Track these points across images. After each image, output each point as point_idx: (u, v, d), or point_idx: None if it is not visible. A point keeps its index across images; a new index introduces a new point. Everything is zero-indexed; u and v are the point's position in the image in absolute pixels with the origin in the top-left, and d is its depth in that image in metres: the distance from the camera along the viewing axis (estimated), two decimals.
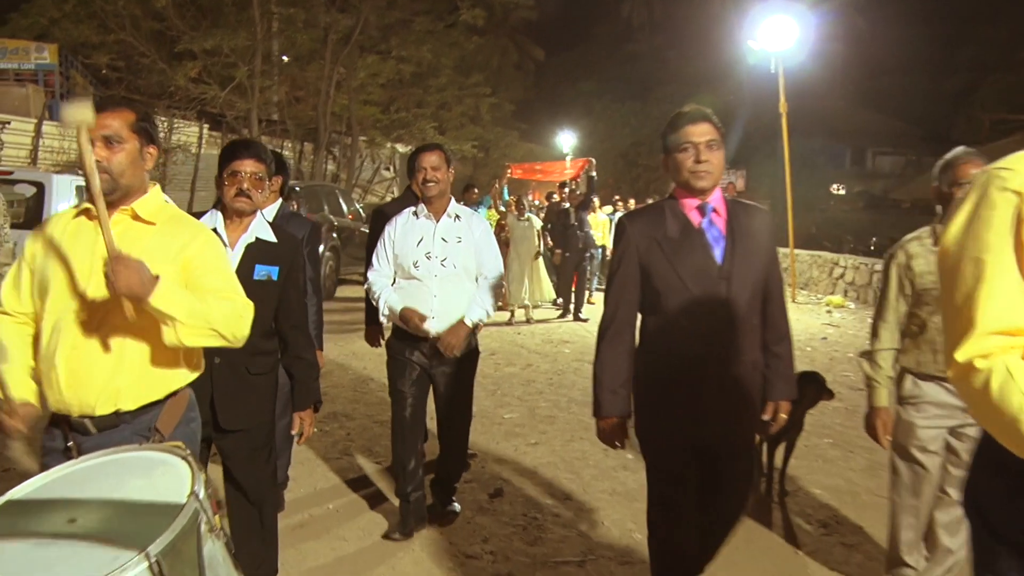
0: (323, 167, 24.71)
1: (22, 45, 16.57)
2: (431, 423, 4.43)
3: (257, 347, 2.92)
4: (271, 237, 3.08)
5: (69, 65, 17.52)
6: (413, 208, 4.11)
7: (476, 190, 12.71)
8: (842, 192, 40.81)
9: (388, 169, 30.08)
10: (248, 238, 3.03)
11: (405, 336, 4.04)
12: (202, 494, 1.63)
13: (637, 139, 44.25)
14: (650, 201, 15.63)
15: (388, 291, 4.03)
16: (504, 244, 12.46)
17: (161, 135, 16.85)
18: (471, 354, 4.21)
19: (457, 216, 4.08)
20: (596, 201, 15.37)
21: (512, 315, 11.88)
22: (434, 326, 3.93)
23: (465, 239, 4.03)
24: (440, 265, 3.96)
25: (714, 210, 2.81)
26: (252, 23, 18.20)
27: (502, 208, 13.52)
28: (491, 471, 5.20)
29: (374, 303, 4.10)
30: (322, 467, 5.19)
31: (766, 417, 3.01)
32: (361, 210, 15.85)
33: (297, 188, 14.05)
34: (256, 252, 3.01)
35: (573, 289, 12.47)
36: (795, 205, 17.48)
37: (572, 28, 52.38)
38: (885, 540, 3.59)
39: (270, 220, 3.92)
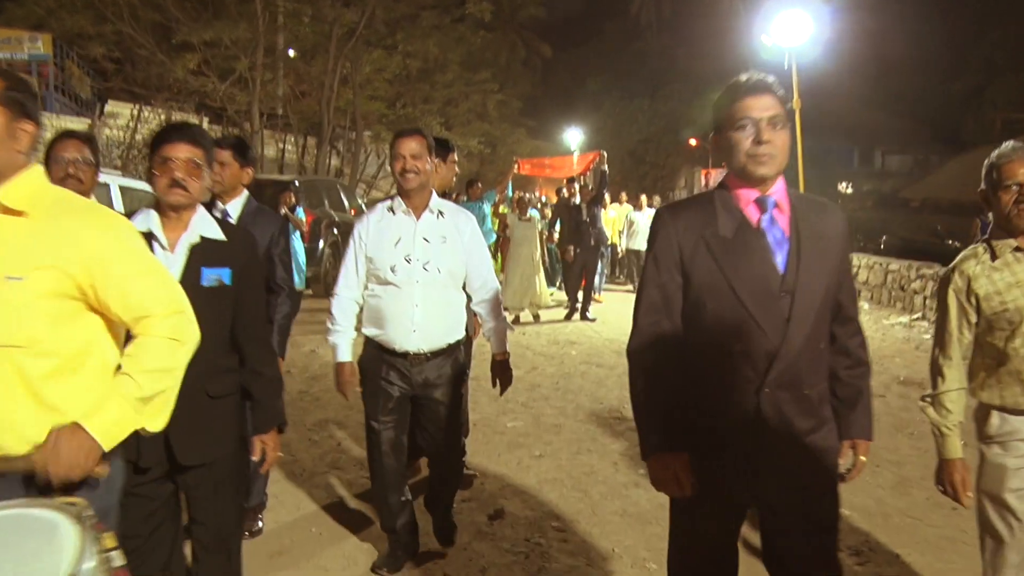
0: (327, 162, 24.34)
1: (15, 35, 16.19)
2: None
3: (215, 364, 2.52)
4: (219, 234, 2.60)
5: (64, 56, 17.12)
6: (389, 203, 3.56)
7: (480, 185, 12.19)
8: (850, 191, 40.46)
9: None
10: (191, 237, 2.54)
11: (381, 351, 3.49)
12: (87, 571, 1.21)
13: (645, 136, 44.11)
14: (659, 200, 15.23)
15: (342, 335, 3.53)
16: (506, 243, 12.08)
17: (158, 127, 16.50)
18: (459, 373, 3.65)
19: (441, 212, 3.53)
20: (608, 197, 15.03)
21: (517, 318, 11.38)
22: (415, 342, 3.43)
23: (451, 239, 3.50)
24: (422, 269, 3.42)
25: (776, 205, 2.23)
26: (254, 15, 17.81)
27: (505, 208, 13.06)
28: (491, 488, 4.77)
29: (330, 343, 3.59)
30: (307, 483, 4.76)
31: (842, 461, 2.41)
32: (364, 206, 15.43)
33: (296, 183, 13.65)
34: (202, 253, 2.53)
35: (583, 287, 11.99)
36: None
37: (580, 25, 52.27)
38: None
39: (236, 216, 3.59)
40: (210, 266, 2.51)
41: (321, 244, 13.45)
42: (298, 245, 10.22)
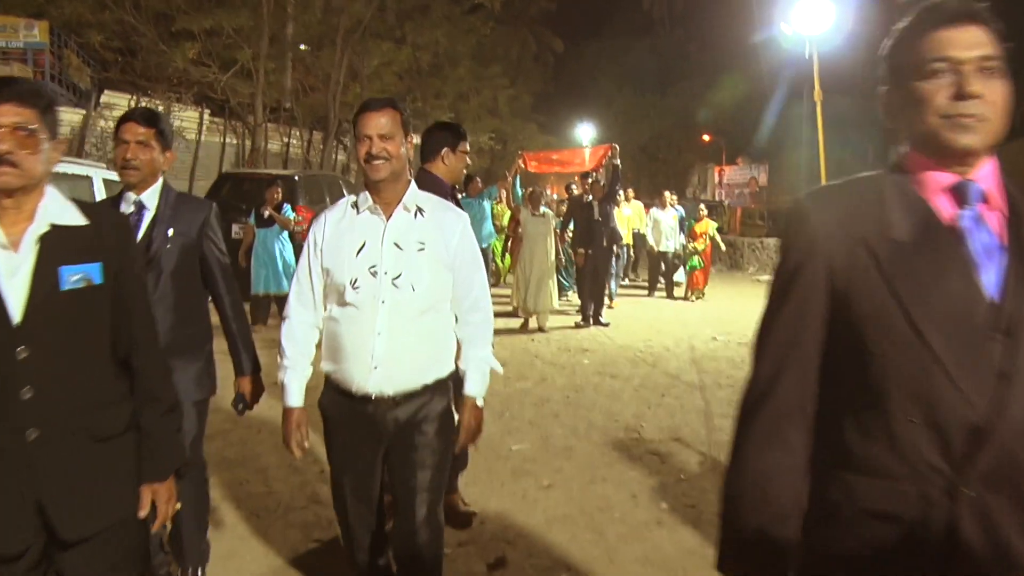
0: (333, 158, 23.82)
1: (10, 22, 15.63)
2: None
3: (97, 397, 1.94)
4: (78, 219, 1.93)
5: (63, 44, 16.56)
6: (353, 198, 2.77)
7: (479, 180, 11.54)
8: None
9: None
10: (39, 229, 1.85)
11: (340, 394, 2.74)
12: None
13: (657, 132, 43.60)
14: (670, 197, 14.54)
15: (291, 372, 2.76)
16: (517, 242, 11.45)
17: None
18: (445, 422, 2.81)
19: (420, 210, 2.72)
20: (621, 193, 14.20)
21: (526, 323, 10.68)
22: (376, 382, 2.63)
23: (432, 245, 2.68)
24: (391, 285, 2.60)
25: (984, 197, 1.44)
26: (258, 3, 17.24)
27: (515, 203, 12.42)
28: (492, 529, 4.16)
29: (279, 378, 2.82)
30: (281, 521, 4.16)
31: None
32: None
33: (296, 177, 13.10)
34: (58, 247, 1.87)
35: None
36: None
37: (592, 20, 51.71)
38: None
39: (153, 207, 3.00)
40: (72, 262, 1.86)
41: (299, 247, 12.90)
42: (287, 246, 9.62)
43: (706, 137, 41.24)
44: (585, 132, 37.10)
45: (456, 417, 2.83)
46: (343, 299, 2.64)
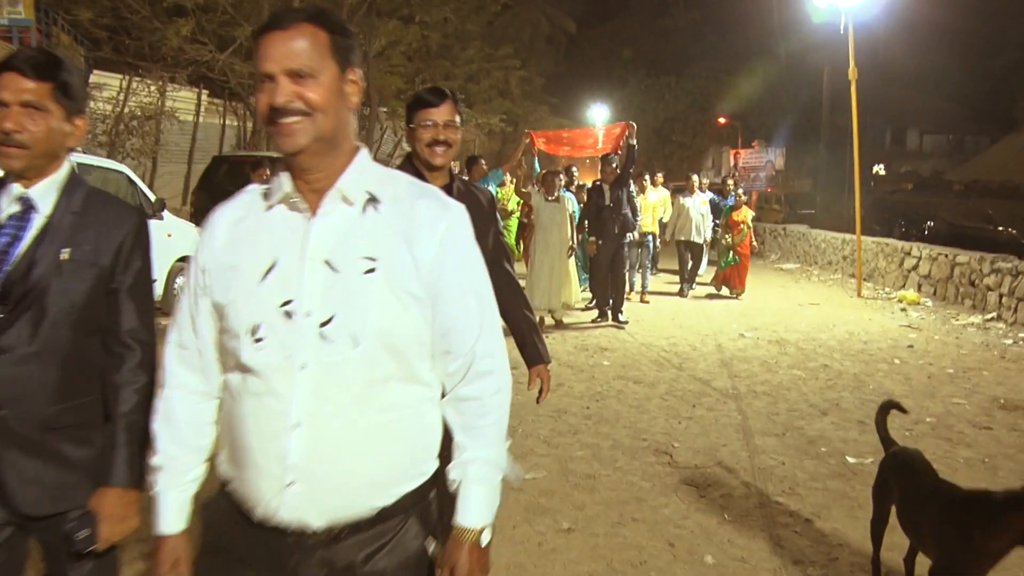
0: None
1: None
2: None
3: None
4: None
5: (51, 22, 15.79)
6: (261, 186, 1.63)
7: (483, 162, 10.35)
8: (883, 172, 38.94)
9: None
10: None
11: (238, 512, 1.57)
12: None
13: (671, 115, 42.88)
14: (698, 180, 13.56)
15: (165, 474, 1.65)
16: (529, 230, 10.61)
17: (153, 100, 15.19)
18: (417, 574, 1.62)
19: (372, 200, 1.56)
20: (648, 179, 13.18)
21: (540, 321, 9.51)
22: (291, 506, 1.50)
23: (388, 261, 1.52)
24: (318, 338, 1.49)
25: None
26: None
27: (527, 188, 11.34)
28: None
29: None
30: None
31: None
32: None
33: (277, 156, 12.28)
34: None
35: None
36: (835, 185, 15.74)
37: (606, 0, 50.73)
38: None
39: (47, 210, 1.93)
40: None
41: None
42: None
43: (722, 120, 40.37)
44: (598, 114, 36.29)
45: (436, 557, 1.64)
46: (239, 361, 1.54)
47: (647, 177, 13.13)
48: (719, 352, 8.51)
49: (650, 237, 12.41)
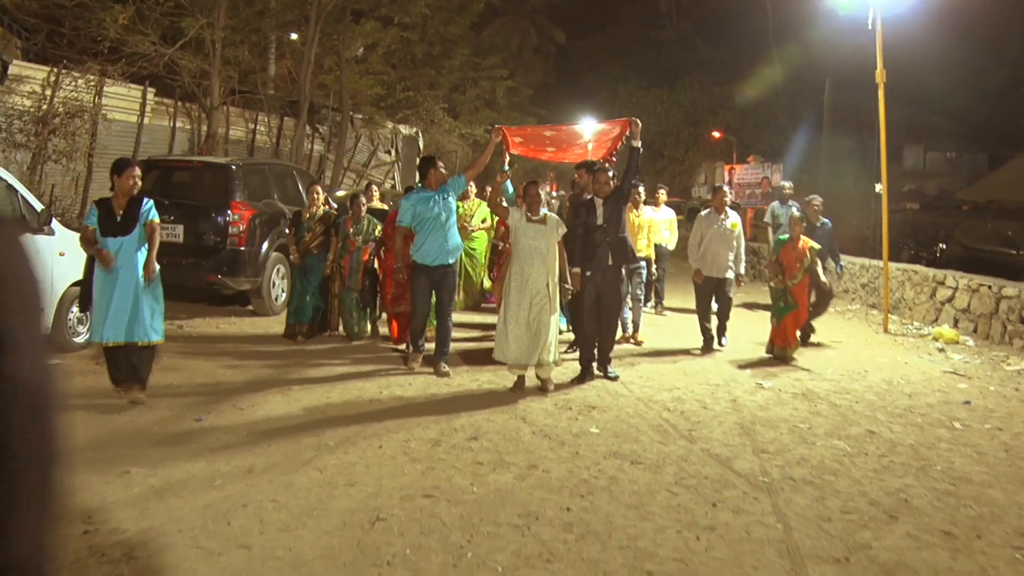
0: (307, 146, 21.29)
1: None
2: None
3: None
4: None
5: None
6: None
7: (442, 167, 8.10)
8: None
9: (388, 152, 26.50)
10: None
11: None
12: None
13: (663, 128, 41.42)
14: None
15: None
16: (504, 257, 8.77)
17: (84, 96, 13.37)
18: None
19: None
20: (641, 191, 10.82)
21: (520, 381, 7.31)
22: None
23: None
24: None
25: None
26: None
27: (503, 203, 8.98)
28: None
29: None
30: None
31: None
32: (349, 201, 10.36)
33: (233, 166, 10.49)
34: None
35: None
36: (835, 202, 14.23)
37: (596, 11, 49.91)
38: None
39: None
40: None
41: (265, 247, 10.34)
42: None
43: (716, 134, 38.94)
44: (587, 128, 34.79)
45: None
46: None
47: (641, 190, 10.74)
48: (735, 411, 6.78)
49: (643, 263, 10.10)
